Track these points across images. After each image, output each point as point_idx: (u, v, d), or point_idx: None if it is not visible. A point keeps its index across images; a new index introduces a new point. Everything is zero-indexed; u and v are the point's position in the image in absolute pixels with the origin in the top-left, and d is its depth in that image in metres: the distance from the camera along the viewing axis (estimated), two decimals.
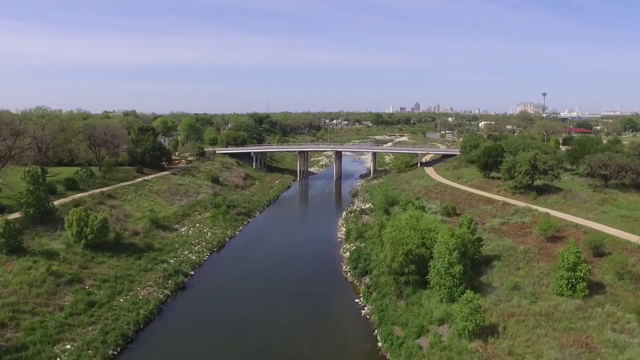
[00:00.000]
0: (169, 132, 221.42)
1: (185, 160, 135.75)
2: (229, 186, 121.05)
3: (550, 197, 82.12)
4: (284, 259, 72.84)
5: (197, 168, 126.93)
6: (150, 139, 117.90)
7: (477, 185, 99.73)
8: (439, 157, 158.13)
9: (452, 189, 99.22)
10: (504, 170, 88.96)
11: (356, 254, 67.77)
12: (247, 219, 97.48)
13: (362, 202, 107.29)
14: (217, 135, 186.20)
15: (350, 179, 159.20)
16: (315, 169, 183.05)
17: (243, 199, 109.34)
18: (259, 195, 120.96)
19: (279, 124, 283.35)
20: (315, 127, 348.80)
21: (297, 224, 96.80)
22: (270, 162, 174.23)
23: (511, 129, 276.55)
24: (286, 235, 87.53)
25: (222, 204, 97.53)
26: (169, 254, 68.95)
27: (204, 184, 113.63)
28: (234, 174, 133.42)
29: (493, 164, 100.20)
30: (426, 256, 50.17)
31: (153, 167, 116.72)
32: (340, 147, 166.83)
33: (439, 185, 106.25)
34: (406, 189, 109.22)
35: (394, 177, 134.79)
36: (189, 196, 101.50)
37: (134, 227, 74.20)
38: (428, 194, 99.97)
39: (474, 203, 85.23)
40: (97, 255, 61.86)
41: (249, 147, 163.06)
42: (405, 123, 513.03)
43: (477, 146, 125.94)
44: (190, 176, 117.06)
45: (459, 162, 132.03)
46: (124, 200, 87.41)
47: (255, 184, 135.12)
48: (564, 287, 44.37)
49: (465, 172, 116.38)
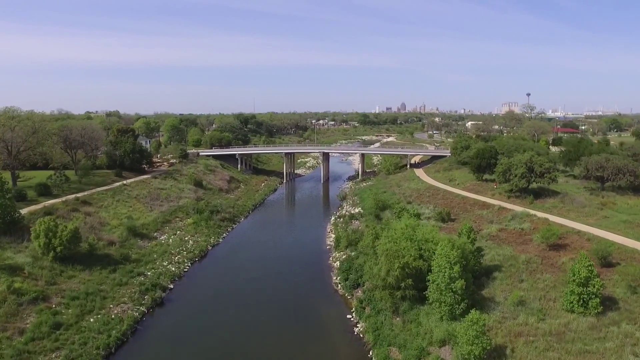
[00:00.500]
0: (152, 134, 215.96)
1: (167, 163, 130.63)
2: (212, 190, 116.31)
3: (547, 201, 79.01)
4: (270, 269, 68.53)
5: (179, 171, 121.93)
6: (130, 140, 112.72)
7: (471, 188, 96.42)
8: (429, 158, 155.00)
9: (444, 193, 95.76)
10: (498, 173, 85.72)
11: (347, 264, 63.76)
12: (232, 224, 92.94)
13: (352, 206, 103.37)
14: (202, 136, 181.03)
15: (338, 181, 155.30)
16: (302, 171, 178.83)
17: (227, 204, 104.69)
18: (244, 199, 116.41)
19: (265, 124, 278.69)
20: (302, 128, 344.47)
21: (284, 230, 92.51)
22: (256, 164, 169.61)
23: (498, 129, 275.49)
24: (272, 242, 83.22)
25: (205, 210, 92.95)
26: (147, 266, 64.25)
27: (187, 188, 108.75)
28: (218, 177, 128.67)
29: (487, 166, 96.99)
30: (424, 269, 46.36)
31: (133, 171, 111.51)
32: (328, 149, 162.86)
33: (431, 188, 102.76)
34: (397, 193, 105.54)
35: (383, 180, 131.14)
36: (170, 201, 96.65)
37: (110, 237, 69.33)
38: (420, 197, 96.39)
39: (469, 207, 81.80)
40: (67, 269, 57.00)
41: (234, 148, 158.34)
42: (392, 123, 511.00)
43: (469, 147, 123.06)
44: (172, 180, 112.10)
45: (450, 164, 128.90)
46: (100, 207, 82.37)
47: (241, 187, 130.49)
48: (574, 303, 40.83)
49: (457, 174, 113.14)
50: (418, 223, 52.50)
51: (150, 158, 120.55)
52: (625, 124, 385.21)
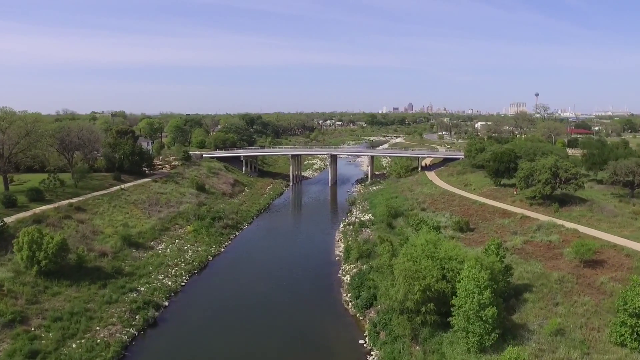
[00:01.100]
0: (155, 134, 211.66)
1: (169, 166, 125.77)
2: (215, 194, 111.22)
3: (574, 210, 73.14)
4: (274, 284, 63.25)
5: (181, 174, 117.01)
6: (129, 142, 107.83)
7: (488, 194, 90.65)
8: (440, 161, 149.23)
9: (460, 198, 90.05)
10: (519, 178, 79.88)
11: (358, 280, 58.32)
12: (234, 232, 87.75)
13: (361, 212, 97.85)
14: (206, 137, 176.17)
15: (347, 184, 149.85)
16: (309, 173, 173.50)
17: (230, 209, 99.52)
18: (249, 203, 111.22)
19: (271, 125, 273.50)
20: (309, 128, 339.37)
21: (289, 238, 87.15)
22: (261, 166, 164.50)
23: (509, 130, 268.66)
24: (277, 252, 77.92)
25: (206, 216, 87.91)
26: (141, 280, 59.13)
27: (188, 193, 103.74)
28: (222, 180, 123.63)
29: (505, 171, 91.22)
30: (447, 292, 40.89)
31: (132, 174, 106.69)
32: (336, 150, 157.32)
33: (445, 193, 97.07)
34: (409, 198, 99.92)
35: (393, 183, 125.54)
36: (170, 207, 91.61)
37: (102, 247, 64.32)
38: (434, 203, 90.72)
39: (488, 216, 76.07)
40: (52, 285, 52.10)
41: (239, 150, 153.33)
42: (400, 124, 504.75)
43: (484, 150, 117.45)
44: (173, 183, 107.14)
45: (464, 167, 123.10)
46: (95, 214, 77.45)
47: (245, 190, 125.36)
48: (626, 336, 35.17)
49: (472, 179, 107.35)
50: (439, 238, 46.93)
51: (151, 160, 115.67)
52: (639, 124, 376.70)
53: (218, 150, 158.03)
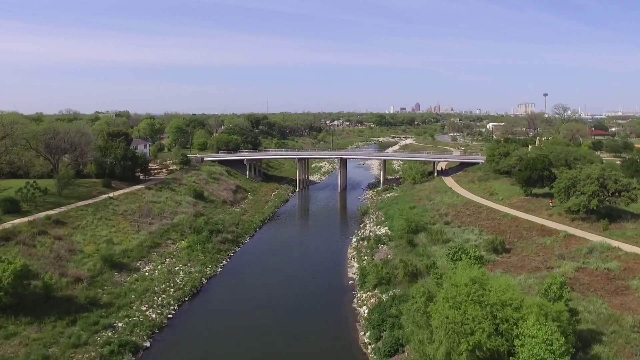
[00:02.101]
0: (156, 136, 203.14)
1: (166, 170, 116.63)
2: (215, 202, 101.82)
3: (625, 227, 63.10)
4: (277, 315, 53.68)
5: (178, 180, 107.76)
6: (121, 146, 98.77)
7: (519, 206, 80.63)
8: (457, 165, 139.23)
9: (488, 210, 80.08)
10: (559, 189, 69.89)
11: (378, 315, 48.62)
12: (234, 247, 78.31)
13: (376, 225, 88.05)
14: (208, 139, 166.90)
15: (357, 190, 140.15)
16: (317, 177, 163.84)
17: (231, 220, 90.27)
18: (251, 212, 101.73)
19: (278, 125, 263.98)
20: (316, 129, 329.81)
21: (295, 255, 77.35)
22: (266, 170, 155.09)
23: (523, 131, 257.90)
24: (281, 273, 68.26)
25: (203, 229, 78.59)
26: (120, 312, 49.75)
27: (185, 201, 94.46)
28: (223, 186, 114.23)
29: (538, 179, 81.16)
30: (502, 351, 31.16)
31: (125, 180, 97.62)
32: (346, 154, 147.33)
33: (470, 203, 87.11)
34: (429, 208, 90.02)
35: (409, 190, 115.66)
36: (163, 218, 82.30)
37: (78, 271, 55.07)
38: (458, 216, 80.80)
39: (525, 233, 66.08)
40: (8, 323, 43.02)
41: (242, 153, 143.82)
42: (409, 124, 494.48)
43: (508, 154, 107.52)
44: (168, 191, 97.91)
45: (485, 173, 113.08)
46: (76, 228, 68.33)
47: (248, 197, 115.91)
48: None
49: (498, 187, 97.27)
50: (484, 273, 37.10)
51: (145, 165, 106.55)
52: None
53: (220, 153, 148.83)
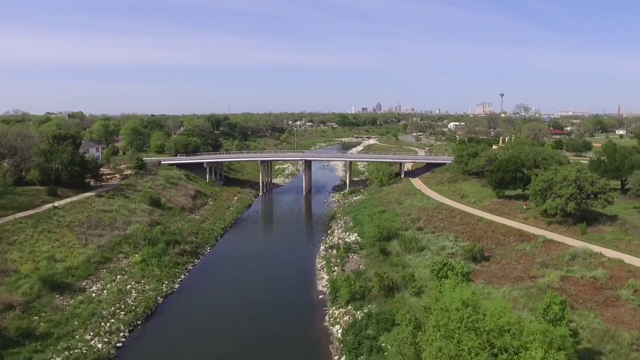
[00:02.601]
0: (111, 138, 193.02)
1: (119, 175, 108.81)
2: (173, 210, 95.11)
3: (603, 230, 61.09)
4: (242, 338, 48.44)
5: (133, 186, 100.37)
6: (68, 150, 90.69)
7: (492, 209, 78.06)
8: (423, 166, 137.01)
9: (461, 214, 77.05)
10: (535, 192, 67.41)
11: (354, 337, 44.08)
12: (193, 259, 72.31)
13: (344, 231, 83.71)
14: (166, 141, 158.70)
15: (322, 193, 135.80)
16: (281, 180, 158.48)
17: (190, 228, 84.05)
18: (212, 220, 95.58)
19: (239, 126, 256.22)
20: (279, 130, 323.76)
21: (260, 267, 71.90)
22: (228, 173, 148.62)
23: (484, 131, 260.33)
24: (245, 288, 62.83)
25: (159, 239, 72.36)
26: (59, 344, 43.31)
27: (139, 209, 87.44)
28: (181, 191, 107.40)
29: (511, 181, 78.81)
30: None
31: (73, 187, 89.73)
32: (310, 155, 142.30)
33: (441, 207, 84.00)
34: (399, 213, 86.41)
35: (376, 193, 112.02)
36: (114, 229, 75.32)
37: (9, 297, 48.07)
38: (431, 220, 77.44)
39: (502, 238, 63.10)
40: None
41: (202, 155, 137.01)
42: (372, 124, 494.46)
43: (477, 155, 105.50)
44: (121, 198, 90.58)
45: (454, 174, 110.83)
46: (12, 243, 60.90)
47: (208, 203, 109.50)
48: None
49: (468, 189, 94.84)
50: (474, 292, 33.06)
51: (97, 170, 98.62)
52: (609, 124, 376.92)
53: (179, 155, 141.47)
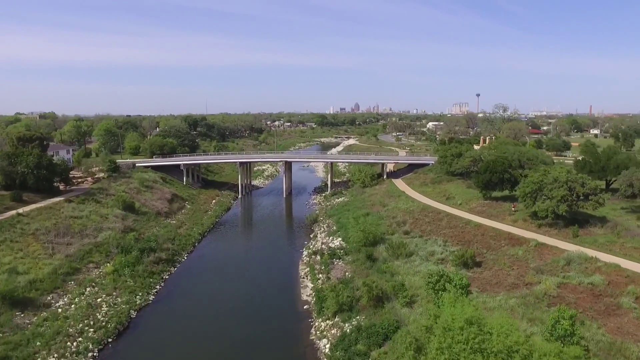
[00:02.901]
0: (83, 139, 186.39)
1: (91, 179, 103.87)
2: (148, 215, 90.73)
3: (595, 233, 59.44)
4: (222, 355, 45.04)
5: (105, 190, 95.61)
6: (35, 152, 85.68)
7: (480, 211, 76.08)
8: (405, 166, 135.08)
9: (448, 217, 74.83)
10: (524, 194, 65.54)
11: (343, 352, 41.12)
12: (170, 268, 68.48)
13: (328, 235, 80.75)
14: (141, 142, 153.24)
15: (303, 194, 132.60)
16: (260, 182, 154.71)
17: (166, 234, 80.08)
18: (189, 224, 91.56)
19: (217, 127, 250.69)
20: (257, 130, 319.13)
21: (240, 275, 68.37)
22: (205, 175, 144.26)
23: (463, 130, 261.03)
24: (224, 298, 59.27)
25: (133, 247, 68.28)
26: None
27: (112, 215, 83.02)
28: (157, 195, 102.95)
29: (498, 182, 76.98)
30: None
31: (40, 192, 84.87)
32: (291, 157, 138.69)
33: (427, 209, 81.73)
34: (383, 215, 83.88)
35: (359, 195, 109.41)
36: (84, 236, 70.93)
37: None
38: (417, 223, 75.07)
39: (492, 242, 60.96)
40: None
41: (178, 157, 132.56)
42: (351, 124, 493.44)
43: (461, 155, 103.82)
44: (93, 203, 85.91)
45: (437, 175, 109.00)
46: None
47: (186, 207, 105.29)
48: None
49: (453, 190, 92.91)
50: (478, 308, 30.44)
51: (66, 173, 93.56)
52: (584, 124, 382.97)
53: (155, 157, 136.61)
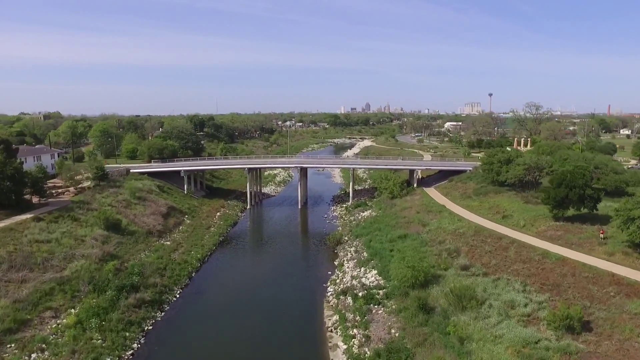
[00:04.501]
0: (79, 141, 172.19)
1: (74, 189, 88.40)
2: (136, 234, 74.81)
3: None
4: None
5: (88, 203, 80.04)
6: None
7: (554, 236, 59.07)
8: (436, 173, 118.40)
9: (515, 245, 57.85)
10: (623, 218, 48.66)
11: None
12: (155, 312, 52.48)
13: (358, 265, 64.12)
14: (139, 145, 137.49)
15: (320, 204, 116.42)
16: (272, 189, 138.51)
17: (156, 262, 64.21)
18: (187, 246, 75.62)
19: (225, 127, 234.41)
20: (268, 131, 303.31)
21: (245, 320, 51.90)
22: (210, 182, 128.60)
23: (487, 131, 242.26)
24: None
25: (109, 284, 52.79)
26: None
27: (91, 236, 67.20)
28: (150, 209, 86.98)
29: (578, 199, 59.93)
30: None
31: (5, 207, 69.47)
32: (307, 162, 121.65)
33: (482, 231, 64.85)
34: (426, 239, 67.08)
35: (388, 207, 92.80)
36: (48, 269, 55.17)
37: None
38: (474, 253, 58.21)
39: (593, 289, 43.94)
40: None
41: (178, 162, 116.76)
42: (364, 124, 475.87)
43: (510, 161, 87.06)
44: (69, 221, 70.19)
45: (480, 185, 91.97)
46: None
47: (184, 222, 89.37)
48: None
49: (507, 205, 75.87)
50: None
51: (40, 184, 78.09)
52: (612, 124, 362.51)
53: (153, 162, 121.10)
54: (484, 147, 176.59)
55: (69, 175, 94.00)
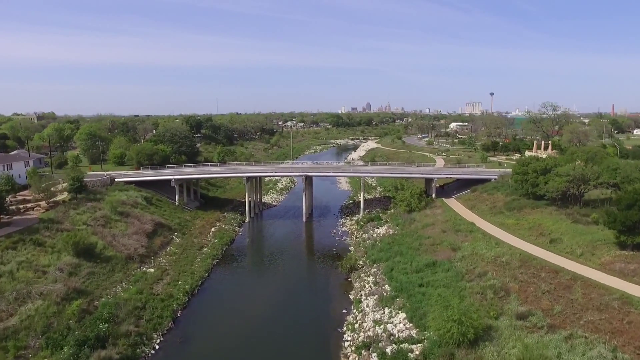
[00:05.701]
0: (66, 145, 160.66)
1: (46, 203, 76.77)
2: (113, 261, 63.04)
3: None
4: None
5: (59, 222, 68.40)
6: None
7: (624, 269, 47.50)
8: (453, 181, 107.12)
9: (580, 283, 46.16)
10: None
11: None
12: None
13: (379, 304, 52.31)
14: (127, 149, 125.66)
15: (328, 216, 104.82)
16: (273, 197, 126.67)
17: (133, 299, 52.63)
18: (173, 275, 63.88)
19: (224, 128, 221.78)
20: (268, 131, 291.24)
21: None
22: (206, 190, 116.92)
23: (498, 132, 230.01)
24: None
25: (68, 337, 41.29)
26: None
27: (56, 266, 55.58)
28: (133, 227, 75.12)
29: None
30: None
31: None
32: (312, 170, 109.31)
33: (530, 262, 53.11)
34: (461, 269, 55.34)
35: (407, 224, 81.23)
36: None
37: None
38: (526, 293, 46.46)
39: None
40: None
41: (169, 170, 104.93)
42: (367, 124, 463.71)
43: (547, 171, 75.62)
44: (30, 247, 58.58)
45: (512, 197, 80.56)
46: None
47: (173, 241, 77.68)
48: None
49: (550, 224, 64.15)
50: None
51: (1, 200, 66.48)
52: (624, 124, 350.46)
53: (142, 169, 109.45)
54: (500, 151, 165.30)
55: (42, 186, 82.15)
